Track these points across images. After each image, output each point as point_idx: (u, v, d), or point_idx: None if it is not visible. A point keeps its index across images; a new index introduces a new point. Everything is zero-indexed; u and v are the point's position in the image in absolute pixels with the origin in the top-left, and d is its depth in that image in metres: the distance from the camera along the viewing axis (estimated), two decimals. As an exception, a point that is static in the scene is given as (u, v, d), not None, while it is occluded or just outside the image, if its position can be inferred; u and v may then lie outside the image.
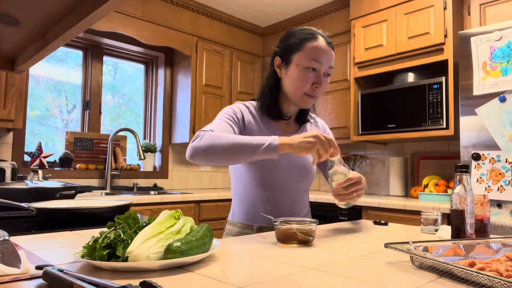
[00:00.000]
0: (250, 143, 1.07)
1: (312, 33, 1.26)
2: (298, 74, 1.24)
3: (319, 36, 1.26)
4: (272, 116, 1.32)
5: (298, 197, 1.34)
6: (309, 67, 1.23)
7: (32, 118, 2.99)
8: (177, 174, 3.58)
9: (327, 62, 1.25)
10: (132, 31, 3.00)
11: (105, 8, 0.79)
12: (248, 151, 1.07)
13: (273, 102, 1.31)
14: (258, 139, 1.08)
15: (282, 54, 1.29)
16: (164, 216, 0.80)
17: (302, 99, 1.27)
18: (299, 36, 1.26)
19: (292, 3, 3.39)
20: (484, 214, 1.05)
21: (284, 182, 1.29)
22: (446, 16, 2.49)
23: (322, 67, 1.24)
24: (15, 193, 1.47)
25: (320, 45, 1.24)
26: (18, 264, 0.65)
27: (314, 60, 1.22)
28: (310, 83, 1.24)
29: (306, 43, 1.24)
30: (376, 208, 2.52)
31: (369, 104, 2.86)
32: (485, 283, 0.59)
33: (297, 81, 1.24)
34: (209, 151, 1.09)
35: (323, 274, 0.69)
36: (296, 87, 1.25)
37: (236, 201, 1.38)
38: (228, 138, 1.09)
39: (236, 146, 1.08)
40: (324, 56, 1.24)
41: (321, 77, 1.25)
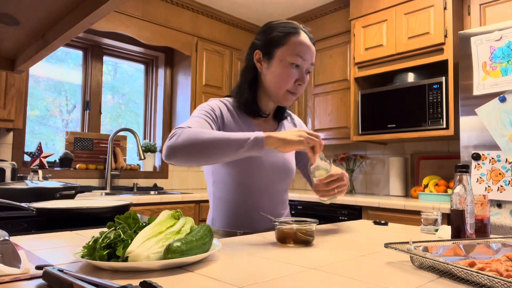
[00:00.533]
0: (234, 138, 1.00)
1: (295, 27, 1.21)
2: (281, 70, 1.18)
3: (301, 31, 1.20)
4: (250, 113, 1.25)
5: (279, 197, 1.31)
6: (293, 63, 1.18)
7: (32, 118, 2.99)
8: (177, 174, 3.58)
9: (310, 58, 1.21)
10: (132, 31, 3.00)
11: (105, 8, 0.79)
12: (232, 147, 0.99)
13: (252, 98, 1.24)
14: (242, 134, 1.01)
15: (263, 48, 1.22)
16: (164, 216, 0.80)
17: (284, 96, 1.22)
18: (283, 30, 1.20)
19: (292, 3, 3.39)
20: (484, 214, 1.05)
21: (266, 183, 1.25)
22: (446, 16, 2.49)
23: (305, 63, 1.20)
24: (15, 193, 1.47)
25: (304, 40, 1.19)
26: (18, 264, 0.65)
27: (299, 55, 1.18)
28: (293, 80, 1.19)
29: (290, 37, 1.18)
30: (376, 208, 2.52)
31: (369, 104, 2.86)
32: (485, 283, 0.59)
33: (280, 77, 1.19)
34: (189, 149, 0.99)
35: (323, 274, 0.69)
36: (279, 84, 1.20)
37: (215, 207, 1.30)
38: (209, 134, 1.01)
39: (219, 142, 0.99)
40: (308, 52, 1.19)
41: (304, 74, 1.20)
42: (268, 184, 1.26)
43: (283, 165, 1.28)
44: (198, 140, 0.99)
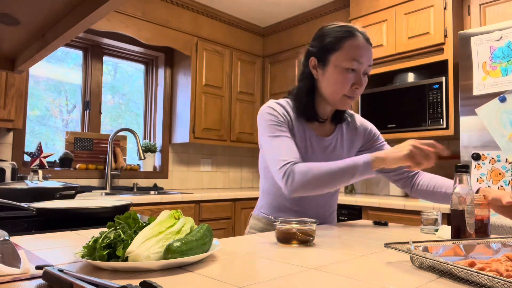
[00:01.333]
0: (345, 170, 1.08)
1: (350, 30, 1.18)
2: (337, 75, 1.17)
3: (358, 34, 1.18)
4: (308, 117, 1.26)
5: (326, 198, 1.31)
6: (348, 68, 1.16)
7: (32, 118, 2.99)
8: (177, 174, 3.58)
9: (367, 61, 1.18)
10: (132, 31, 3.00)
11: (105, 8, 0.79)
12: (345, 178, 1.09)
13: (309, 104, 1.25)
14: (352, 162, 1.08)
15: (318, 55, 1.21)
16: (164, 216, 0.80)
17: (341, 101, 1.21)
18: (336, 35, 1.18)
19: (292, 3, 3.39)
20: (484, 214, 1.05)
21: None
22: (446, 16, 2.49)
23: (361, 66, 1.17)
24: (15, 193, 1.47)
25: (360, 43, 1.17)
26: (18, 264, 0.65)
27: (354, 60, 1.15)
28: (350, 85, 1.17)
29: (344, 42, 1.17)
30: (376, 208, 2.52)
31: (369, 104, 2.86)
32: (485, 283, 0.59)
33: (336, 83, 1.18)
34: (308, 188, 1.10)
35: (323, 274, 0.69)
36: (335, 89, 1.19)
37: (262, 196, 1.36)
38: (321, 171, 1.09)
39: (332, 176, 1.08)
40: (365, 54, 1.17)
41: (361, 77, 1.18)
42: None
43: None
44: (313, 179, 1.09)
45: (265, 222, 1.32)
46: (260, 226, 1.33)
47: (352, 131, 1.36)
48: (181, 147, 3.62)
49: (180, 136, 3.42)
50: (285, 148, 1.15)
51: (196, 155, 3.73)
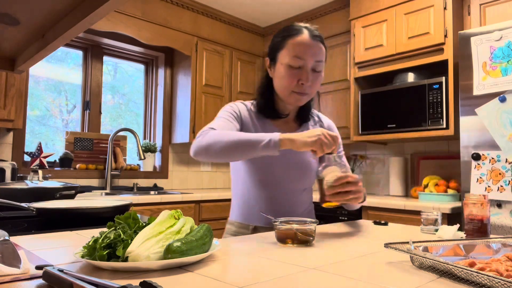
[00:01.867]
0: (250, 140, 1.08)
1: (296, 28, 1.23)
2: (283, 73, 1.23)
3: (304, 30, 1.22)
4: (267, 115, 1.32)
5: (296, 197, 1.32)
6: (292, 65, 1.21)
7: (32, 118, 2.99)
8: (177, 174, 3.58)
9: (312, 57, 1.21)
10: (132, 31, 3.00)
11: (105, 8, 0.79)
12: (248, 147, 1.08)
13: (267, 102, 1.31)
14: (259, 136, 1.09)
15: (269, 54, 1.30)
16: (164, 216, 0.80)
17: (291, 97, 1.25)
18: (283, 34, 1.25)
19: (292, 3, 3.39)
20: (484, 214, 1.05)
21: (281, 181, 1.28)
22: (446, 16, 2.49)
23: (307, 62, 1.21)
24: (15, 193, 1.47)
25: (303, 40, 1.21)
26: (18, 264, 0.65)
27: (296, 57, 1.20)
28: (296, 80, 1.22)
29: (288, 40, 1.22)
30: (376, 208, 2.52)
31: (369, 104, 2.86)
32: (485, 283, 0.59)
33: (282, 79, 1.23)
34: (211, 149, 1.11)
35: (323, 274, 0.69)
36: (283, 86, 1.24)
37: (234, 200, 1.39)
38: (229, 136, 1.11)
39: (237, 143, 1.09)
40: (308, 51, 1.20)
41: (308, 73, 1.21)
42: (282, 183, 1.29)
43: (300, 165, 1.30)
44: (218, 141, 1.11)
45: (237, 225, 1.33)
46: (233, 230, 1.33)
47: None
48: (181, 147, 3.62)
49: (180, 136, 3.42)
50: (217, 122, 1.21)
51: (196, 155, 3.72)
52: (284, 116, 1.33)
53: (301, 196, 1.35)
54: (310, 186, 1.38)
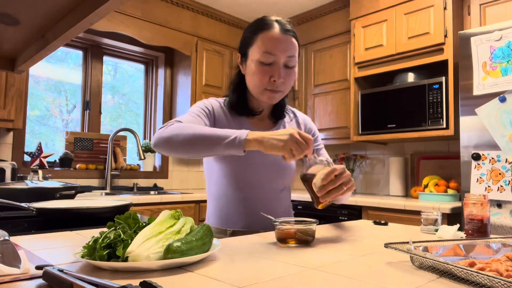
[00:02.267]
0: (214, 135, 0.99)
1: (267, 23, 1.16)
2: (254, 69, 1.17)
3: (275, 24, 1.15)
4: (240, 112, 1.26)
5: (274, 196, 1.26)
6: (262, 61, 1.15)
7: (32, 118, 2.99)
8: (177, 174, 3.58)
9: (283, 52, 1.14)
10: (132, 31, 3.00)
11: (105, 8, 0.79)
12: (211, 143, 0.98)
13: (239, 99, 1.25)
14: (225, 132, 0.99)
15: (240, 49, 1.24)
16: (164, 216, 0.80)
17: (264, 95, 1.19)
18: (253, 28, 1.18)
19: (292, 3, 3.39)
20: (484, 214, 1.05)
21: (258, 181, 1.22)
22: (446, 16, 2.49)
23: (278, 58, 1.14)
24: (15, 193, 1.47)
25: (274, 35, 1.14)
26: (18, 264, 0.65)
27: (267, 52, 1.13)
28: (267, 77, 1.16)
29: (258, 34, 1.16)
30: (376, 208, 2.52)
31: (369, 104, 2.86)
32: (485, 283, 0.59)
33: (254, 77, 1.18)
34: (171, 141, 1.02)
35: (323, 274, 0.69)
36: (254, 83, 1.19)
37: (209, 203, 1.32)
38: (193, 129, 1.02)
39: (199, 137, 0.99)
40: (279, 46, 1.14)
41: (280, 69, 1.15)
42: (259, 182, 1.23)
43: (277, 163, 1.24)
44: (180, 133, 1.01)
45: (214, 230, 1.24)
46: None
47: (294, 126, 1.34)
48: (181, 147, 3.61)
49: (180, 136, 3.41)
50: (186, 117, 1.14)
51: (196, 155, 3.73)
52: (257, 113, 1.27)
53: (280, 195, 1.29)
54: (289, 185, 1.33)
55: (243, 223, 1.23)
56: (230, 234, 1.22)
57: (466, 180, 2.12)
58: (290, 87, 1.22)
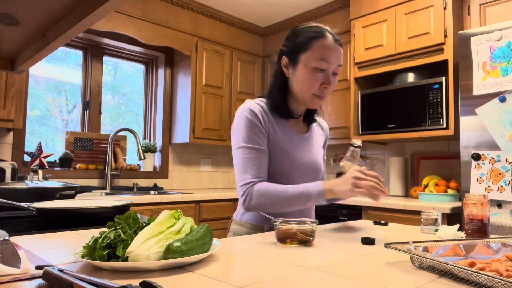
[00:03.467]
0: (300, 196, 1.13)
1: (320, 31, 1.22)
2: (306, 75, 1.21)
3: (327, 34, 1.21)
4: (282, 115, 1.29)
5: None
6: (317, 67, 1.19)
7: (32, 118, 2.99)
8: (177, 174, 3.58)
9: (335, 60, 1.21)
10: (132, 31, 3.00)
11: (105, 8, 0.79)
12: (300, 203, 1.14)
13: (282, 101, 1.28)
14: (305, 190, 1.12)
15: (289, 54, 1.26)
16: (164, 216, 0.80)
17: (311, 100, 1.25)
18: (306, 35, 1.22)
19: (292, 3, 3.39)
20: (484, 214, 1.05)
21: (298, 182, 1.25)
22: (446, 16, 2.49)
23: (330, 66, 1.21)
24: (15, 193, 1.47)
25: (329, 43, 1.20)
26: (18, 264, 0.65)
27: (323, 59, 1.19)
28: (319, 84, 1.21)
29: (313, 42, 1.20)
30: (376, 208, 2.52)
31: (369, 104, 2.86)
32: (485, 283, 0.59)
33: (305, 82, 1.22)
34: (263, 209, 1.18)
35: (323, 274, 0.69)
36: (304, 88, 1.23)
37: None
38: (276, 195, 1.14)
39: (287, 201, 1.14)
40: (333, 55, 1.20)
41: (330, 76, 1.21)
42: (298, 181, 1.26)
43: (314, 165, 1.31)
44: (268, 203, 1.16)
45: (250, 227, 1.28)
46: (245, 232, 1.29)
47: (320, 132, 1.44)
48: (181, 147, 3.62)
49: (180, 136, 3.42)
50: (251, 163, 1.20)
51: (196, 155, 3.73)
52: (297, 117, 1.32)
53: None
54: None
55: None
56: (267, 230, 1.26)
57: (466, 180, 2.12)
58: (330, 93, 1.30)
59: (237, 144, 1.23)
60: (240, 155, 1.22)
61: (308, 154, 1.30)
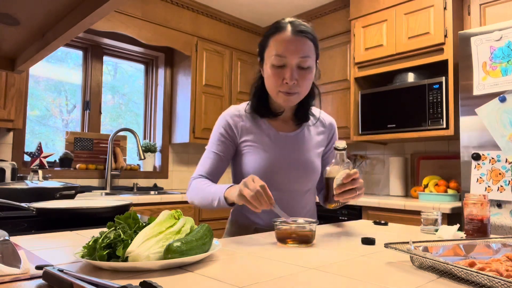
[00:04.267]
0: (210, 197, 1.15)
1: (277, 26, 1.19)
2: (268, 72, 1.19)
3: (287, 27, 1.16)
4: (261, 115, 1.29)
5: (298, 197, 1.28)
6: (274, 64, 1.16)
7: (32, 118, 2.99)
8: (177, 174, 3.58)
9: (294, 54, 1.15)
10: (132, 31, 3.00)
11: (105, 8, 0.79)
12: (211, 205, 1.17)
13: (259, 101, 1.28)
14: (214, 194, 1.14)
15: (259, 54, 1.27)
16: (164, 216, 0.80)
17: (279, 97, 1.20)
18: (267, 32, 1.22)
19: (292, 3, 3.39)
20: (484, 214, 1.05)
21: (284, 183, 1.25)
22: (446, 16, 2.49)
23: (289, 60, 1.15)
24: (15, 193, 1.47)
25: (284, 37, 1.15)
26: (18, 264, 0.65)
27: (278, 55, 1.15)
28: (280, 80, 1.17)
29: (270, 38, 1.19)
30: (376, 208, 2.52)
31: (369, 104, 2.86)
32: (485, 283, 0.59)
33: (268, 80, 1.21)
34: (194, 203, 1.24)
35: (323, 274, 0.69)
36: (269, 86, 1.21)
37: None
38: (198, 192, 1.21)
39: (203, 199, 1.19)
40: (289, 48, 1.14)
41: (292, 71, 1.15)
42: (285, 182, 1.25)
43: (302, 164, 1.26)
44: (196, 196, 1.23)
45: (237, 226, 1.30)
46: (233, 231, 1.31)
47: (321, 130, 1.37)
48: (181, 147, 3.62)
49: (180, 136, 3.42)
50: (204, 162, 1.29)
51: (196, 155, 3.73)
52: (278, 114, 1.29)
53: (304, 197, 1.31)
54: (313, 187, 1.35)
55: (267, 221, 1.26)
56: (254, 230, 1.26)
57: (466, 180, 2.12)
58: (306, 88, 1.21)
59: (207, 146, 1.32)
60: (203, 155, 1.31)
61: (295, 153, 1.26)
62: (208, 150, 1.30)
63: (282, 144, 1.27)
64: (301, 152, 1.28)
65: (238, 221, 1.32)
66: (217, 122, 1.32)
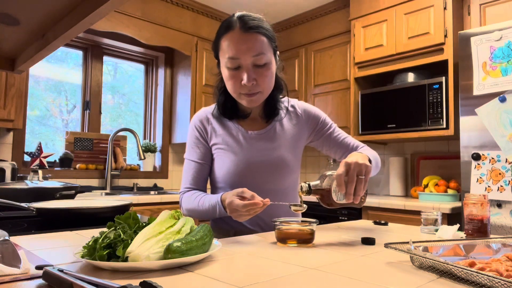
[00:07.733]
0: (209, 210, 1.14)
1: (226, 25, 1.11)
2: (226, 75, 1.13)
3: (235, 24, 1.09)
4: (229, 117, 1.25)
5: (274, 198, 1.21)
6: (228, 66, 1.11)
7: (32, 118, 2.99)
8: (177, 174, 3.58)
9: (246, 53, 1.07)
10: (132, 31, 3.00)
11: (105, 8, 0.79)
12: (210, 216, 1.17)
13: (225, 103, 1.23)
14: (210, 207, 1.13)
15: (214, 55, 1.20)
16: (164, 216, 0.80)
17: (242, 99, 1.16)
18: (218, 32, 1.14)
19: (292, 3, 3.39)
20: (484, 214, 1.05)
21: (257, 184, 1.19)
22: (446, 16, 2.49)
23: (243, 61, 1.08)
24: (15, 193, 1.47)
25: (234, 37, 1.08)
26: (18, 264, 0.65)
27: (230, 58, 1.09)
28: (239, 82, 1.11)
29: (221, 39, 1.11)
30: (376, 208, 2.52)
31: (369, 104, 2.86)
32: (485, 283, 0.59)
33: (227, 83, 1.15)
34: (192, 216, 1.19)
35: (323, 274, 0.69)
36: (230, 89, 1.16)
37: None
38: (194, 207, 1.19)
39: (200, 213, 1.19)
40: (240, 48, 1.07)
41: (248, 71, 1.09)
42: (258, 182, 1.20)
43: (274, 161, 1.21)
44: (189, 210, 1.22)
45: (217, 230, 1.27)
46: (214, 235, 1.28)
47: (295, 121, 1.29)
48: (181, 147, 3.61)
49: (180, 136, 3.42)
50: (187, 174, 1.27)
51: (196, 155, 3.72)
52: (247, 115, 1.24)
53: (283, 198, 1.25)
54: (292, 186, 1.28)
55: (246, 225, 1.23)
56: (233, 234, 1.22)
57: (466, 180, 2.12)
58: (268, 85, 1.15)
59: (185, 154, 1.31)
60: (184, 165, 1.30)
61: (266, 152, 1.21)
62: (186, 160, 1.28)
63: (252, 143, 1.22)
64: (272, 149, 1.22)
65: (217, 225, 1.28)
66: (189, 127, 1.29)
